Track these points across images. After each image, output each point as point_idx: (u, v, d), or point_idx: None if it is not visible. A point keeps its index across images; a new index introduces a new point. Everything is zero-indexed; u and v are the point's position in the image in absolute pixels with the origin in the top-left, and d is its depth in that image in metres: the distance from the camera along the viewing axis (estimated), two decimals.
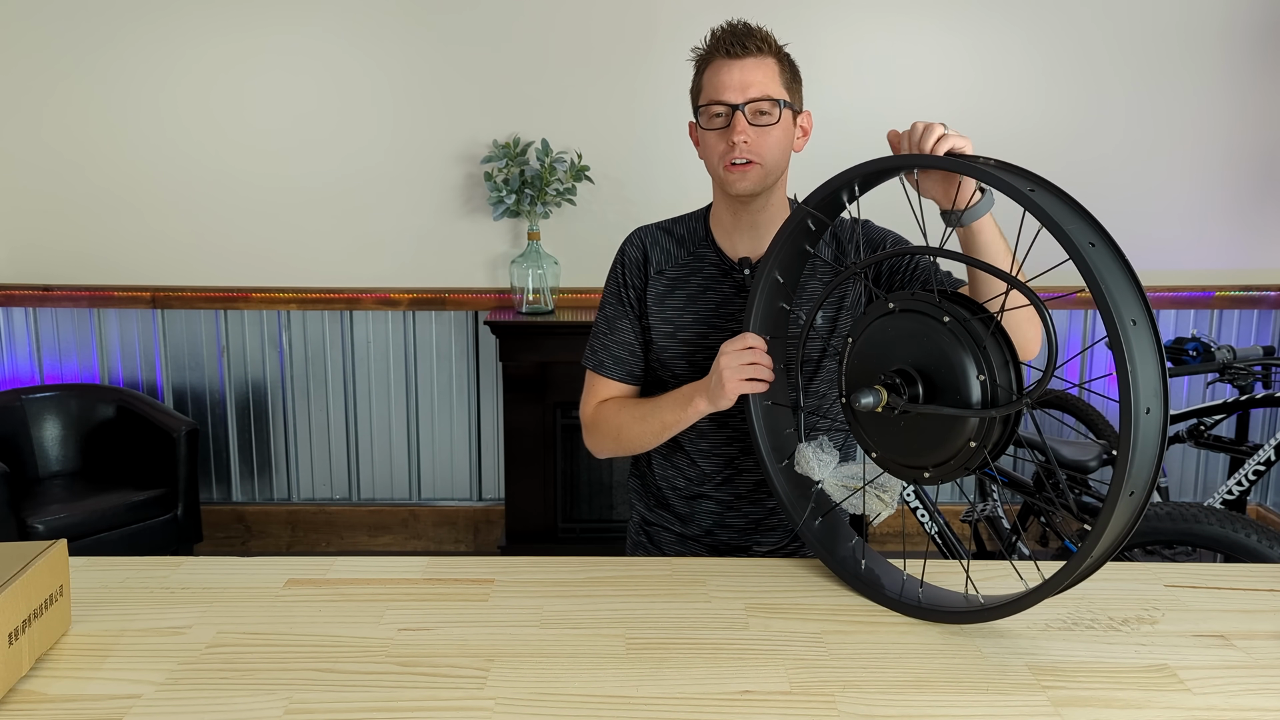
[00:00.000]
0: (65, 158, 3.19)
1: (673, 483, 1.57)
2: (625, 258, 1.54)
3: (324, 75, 3.18)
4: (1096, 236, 0.97)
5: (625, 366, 1.53)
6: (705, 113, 1.40)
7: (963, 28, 3.21)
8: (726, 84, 1.37)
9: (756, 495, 1.53)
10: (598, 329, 1.56)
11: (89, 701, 0.95)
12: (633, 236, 1.56)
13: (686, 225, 1.54)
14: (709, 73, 1.41)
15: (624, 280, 1.53)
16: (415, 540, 3.46)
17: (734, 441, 1.52)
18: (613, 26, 3.18)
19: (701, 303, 1.49)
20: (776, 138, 1.39)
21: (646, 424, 1.46)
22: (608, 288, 1.56)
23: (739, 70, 1.37)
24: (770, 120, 1.38)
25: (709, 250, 1.50)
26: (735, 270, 1.49)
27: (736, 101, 1.36)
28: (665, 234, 1.54)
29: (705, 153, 1.43)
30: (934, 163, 1.11)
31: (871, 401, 1.08)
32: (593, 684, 0.99)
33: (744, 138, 1.36)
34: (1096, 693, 0.99)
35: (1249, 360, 2.50)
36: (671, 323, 1.50)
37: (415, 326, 3.35)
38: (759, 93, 1.36)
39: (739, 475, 1.53)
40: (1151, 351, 0.94)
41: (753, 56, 1.38)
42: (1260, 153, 3.30)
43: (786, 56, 1.42)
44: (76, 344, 3.31)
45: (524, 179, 3.09)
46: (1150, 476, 0.96)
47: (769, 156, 1.38)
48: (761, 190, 1.42)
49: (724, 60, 1.38)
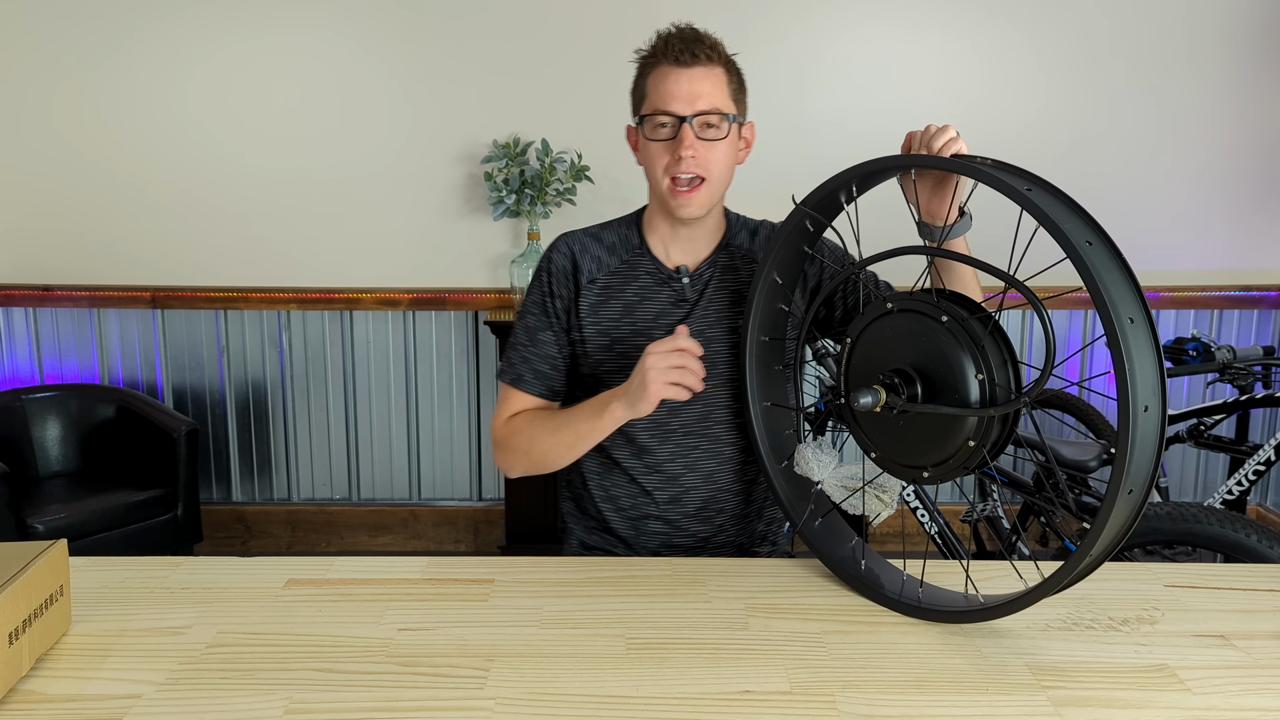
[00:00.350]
0: (65, 158, 3.19)
1: (616, 503, 1.50)
2: (552, 266, 1.47)
3: (324, 76, 3.18)
4: (1094, 235, 0.97)
5: (546, 381, 1.47)
6: (650, 122, 1.36)
7: (963, 27, 3.21)
8: (674, 93, 1.33)
9: (705, 513, 1.48)
10: (516, 340, 1.48)
11: (89, 701, 0.95)
12: (559, 244, 1.49)
13: (617, 232, 1.49)
14: (655, 78, 1.36)
15: (550, 290, 1.46)
16: (415, 540, 3.46)
17: (678, 457, 1.46)
18: (613, 26, 3.18)
19: (638, 312, 1.44)
20: (723, 152, 1.36)
21: (559, 435, 1.38)
22: (530, 297, 1.49)
23: (687, 80, 1.33)
24: (719, 135, 1.35)
25: (644, 258, 1.46)
26: (674, 279, 1.45)
27: (684, 113, 1.33)
28: (594, 241, 1.48)
29: (648, 163, 1.38)
30: (931, 162, 1.11)
31: (870, 401, 1.08)
32: (593, 684, 0.99)
33: (691, 152, 1.33)
34: (1096, 693, 0.99)
35: (1249, 360, 2.50)
36: (607, 334, 1.45)
37: (415, 326, 3.35)
38: (708, 105, 1.33)
39: (686, 493, 1.47)
40: (1149, 349, 0.94)
41: (701, 65, 1.34)
42: (1261, 153, 3.30)
43: (735, 66, 1.39)
44: (76, 344, 3.31)
45: (524, 179, 3.09)
46: (1149, 474, 0.96)
47: (715, 171, 1.36)
48: (709, 211, 1.40)
49: (671, 67, 1.34)
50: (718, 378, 1.44)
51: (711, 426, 1.46)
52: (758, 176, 3.36)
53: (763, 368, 1.37)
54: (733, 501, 1.50)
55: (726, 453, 1.48)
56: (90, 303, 3.26)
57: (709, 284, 1.45)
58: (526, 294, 1.51)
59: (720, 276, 1.46)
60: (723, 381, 1.44)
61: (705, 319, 1.44)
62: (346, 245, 3.28)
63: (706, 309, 1.45)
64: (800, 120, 3.23)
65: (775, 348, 1.37)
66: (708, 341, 1.42)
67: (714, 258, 1.46)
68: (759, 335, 1.36)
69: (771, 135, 3.23)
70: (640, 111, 1.39)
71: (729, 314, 1.45)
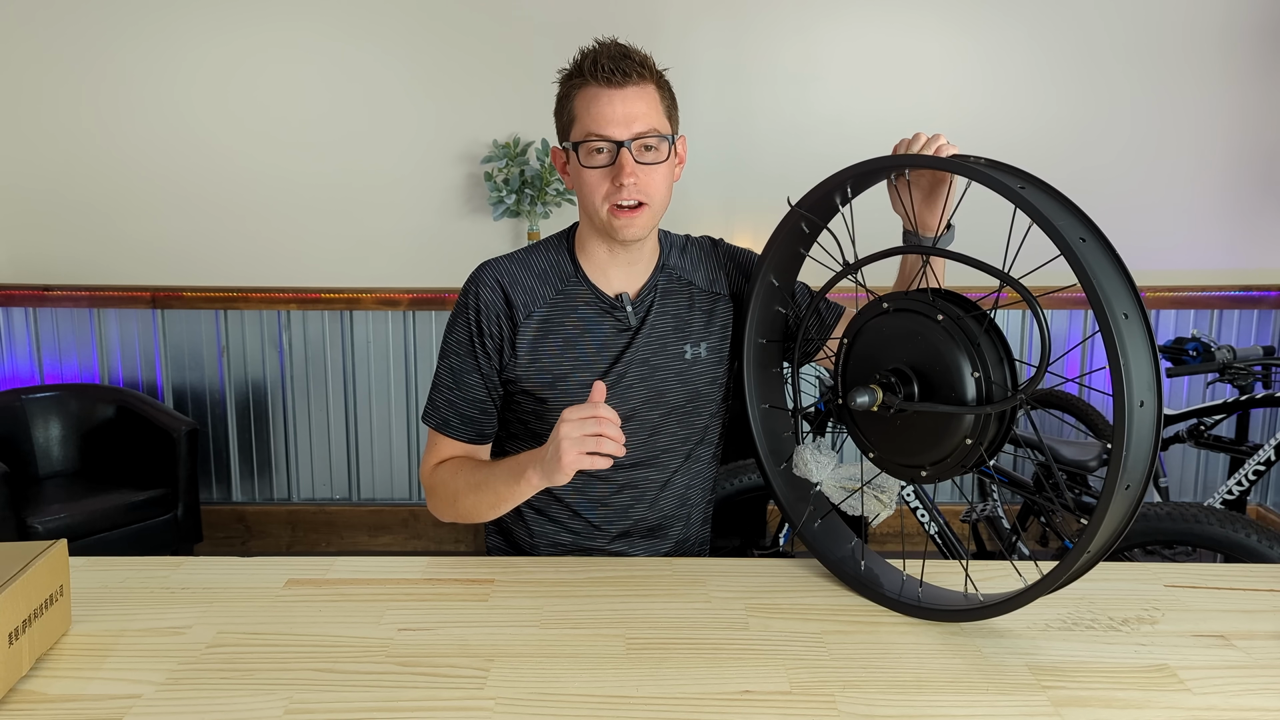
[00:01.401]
0: (65, 158, 3.19)
1: (554, 539, 1.41)
2: (480, 303, 1.35)
3: (324, 76, 3.18)
4: (1087, 232, 0.98)
5: (473, 427, 1.38)
6: (584, 148, 1.27)
7: (962, 27, 3.21)
8: (608, 117, 1.25)
9: (654, 543, 1.43)
10: (440, 382, 1.39)
11: (89, 701, 0.95)
12: (482, 277, 1.36)
13: (546, 259, 1.39)
14: (583, 100, 1.27)
15: (479, 329, 1.35)
16: (415, 540, 3.46)
17: (625, 489, 1.39)
18: (613, 26, 3.17)
19: (581, 345, 1.35)
20: (664, 175, 1.29)
21: (480, 494, 1.31)
22: (453, 335, 1.38)
23: (620, 102, 1.25)
24: (658, 157, 1.28)
25: (580, 287, 1.36)
26: (616, 307, 1.36)
27: (622, 138, 1.25)
28: (522, 269, 1.37)
29: (584, 190, 1.29)
30: (925, 162, 1.11)
31: (867, 400, 1.09)
32: (593, 684, 1.00)
33: (633, 179, 1.25)
34: (1096, 693, 0.99)
35: (1249, 360, 2.50)
36: (549, 372, 1.35)
37: (415, 326, 3.35)
38: (644, 126, 1.26)
39: (635, 526, 1.41)
40: (1144, 345, 0.94)
41: (634, 85, 1.26)
42: (1260, 153, 3.30)
43: (665, 81, 1.32)
44: (76, 344, 3.31)
45: (524, 179, 3.09)
46: (1146, 469, 0.96)
47: (657, 195, 1.29)
48: (650, 233, 1.34)
49: (601, 88, 1.25)
50: (664, 406, 1.38)
51: (658, 456, 1.41)
52: (757, 176, 3.37)
53: (760, 370, 1.37)
54: (678, 526, 1.46)
55: (677, 482, 1.43)
56: (90, 303, 3.26)
57: (650, 309, 1.38)
58: (448, 331, 1.39)
59: (660, 301, 1.39)
60: (668, 410, 1.39)
61: (649, 346, 1.37)
62: (346, 245, 3.28)
63: (650, 336, 1.37)
64: (800, 120, 3.23)
65: (773, 350, 1.37)
66: (653, 370, 1.37)
67: (653, 281, 1.39)
68: (756, 338, 1.36)
69: (771, 135, 3.24)
70: (571, 137, 1.29)
71: (673, 339, 1.39)
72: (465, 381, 1.37)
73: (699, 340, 1.40)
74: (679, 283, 1.41)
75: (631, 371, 1.37)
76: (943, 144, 1.19)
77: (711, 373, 1.41)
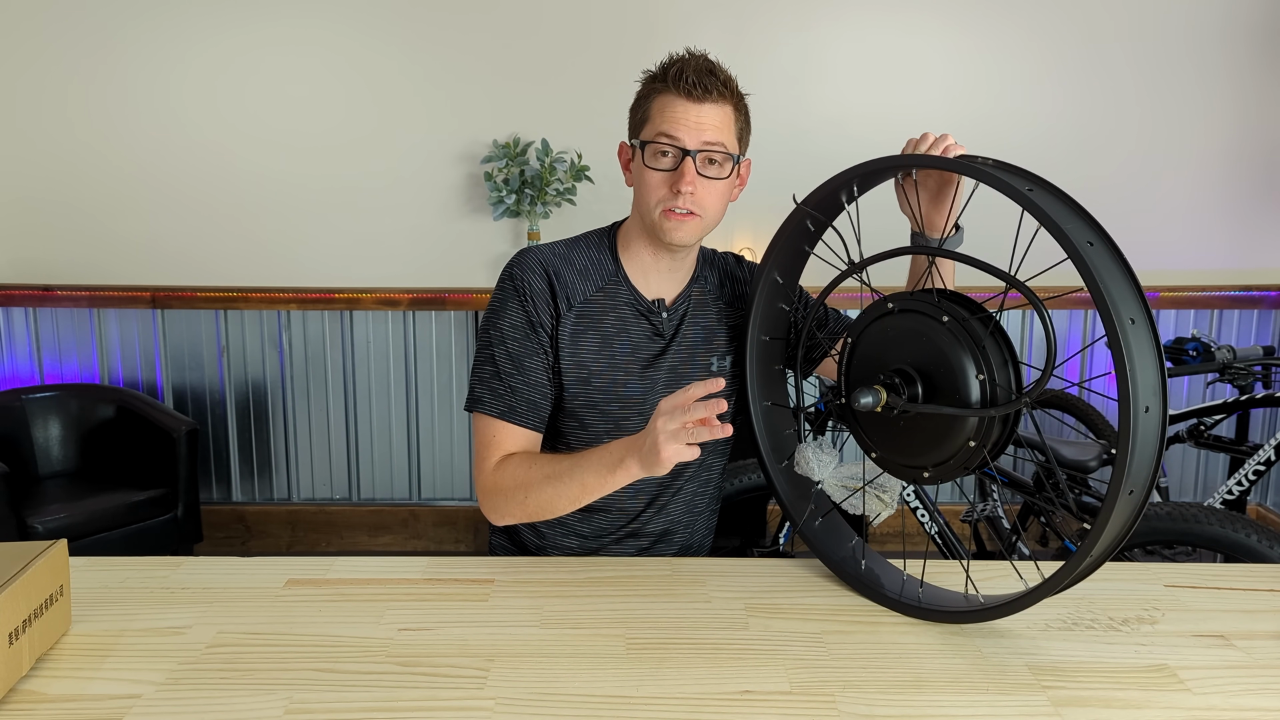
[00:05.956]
0: (65, 158, 3.19)
1: (561, 543, 1.42)
2: (529, 287, 1.33)
3: (325, 76, 3.18)
4: (1095, 236, 0.97)
5: (539, 413, 1.34)
6: (651, 148, 1.28)
7: (964, 27, 3.21)
8: (681, 124, 1.26)
9: (659, 547, 1.44)
10: (500, 368, 1.33)
11: (89, 701, 0.95)
12: (528, 263, 1.35)
13: (588, 255, 1.38)
14: (660, 104, 1.28)
15: (533, 312, 1.33)
16: (415, 540, 3.46)
17: (640, 494, 1.40)
18: (613, 26, 3.18)
19: (616, 346, 1.35)
20: (721, 191, 1.30)
21: (562, 485, 1.25)
22: (506, 319, 1.33)
23: (696, 113, 1.26)
24: (720, 173, 1.29)
25: (621, 287, 1.37)
26: (653, 311, 1.37)
27: (690, 146, 1.26)
28: (564, 263, 1.36)
29: (642, 189, 1.30)
30: (932, 162, 1.11)
31: (871, 401, 1.08)
32: (593, 684, 0.99)
33: (691, 188, 1.26)
34: (1096, 693, 0.99)
35: (1249, 360, 2.50)
36: (585, 367, 1.34)
37: (415, 326, 3.35)
38: (714, 138, 1.27)
39: (643, 529, 1.42)
40: (1150, 350, 0.94)
41: (711, 101, 1.27)
42: (1260, 153, 3.30)
43: (744, 104, 1.32)
44: (76, 344, 3.31)
45: (524, 179, 3.09)
46: (1149, 475, 0.96)
47: (711, 210, 1.30)
48: (696, 243, 1.35)
49: (679, 98, 1.26)
50: None
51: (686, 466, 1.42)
52: (756, 176, 3.36)
53: (763, 366, 1.37)
54: (684, 532, 1.47)
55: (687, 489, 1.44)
56: (90, 303, 3.26)
57: (684, 318, 1.40)
58: (494, 317, 1.35)
59: (693, 312, 1.41)
60: None
61: (679, 355, 1.39)
62: (346, 245, 3.28)
63: (681, 345, 1.39)
64: (800, 120, 3.23)
65: (775, 347, 1.37)
66: (680, 379, 1.39)
67: (688, 291, 1.41)
68: (759, 334, 1.36)
69: (771, 135, 3.24)
70: (641, 135, 1.30)
71: (702, 350, 1.41)
72: (528, 365, 1.33)
73: (724, 354, 1.43)
74: (710, 295, 1.44)
75: (663, 378, 1.38)
76: (950, 144, 1.19)
77: (730, 386, 1.43)
